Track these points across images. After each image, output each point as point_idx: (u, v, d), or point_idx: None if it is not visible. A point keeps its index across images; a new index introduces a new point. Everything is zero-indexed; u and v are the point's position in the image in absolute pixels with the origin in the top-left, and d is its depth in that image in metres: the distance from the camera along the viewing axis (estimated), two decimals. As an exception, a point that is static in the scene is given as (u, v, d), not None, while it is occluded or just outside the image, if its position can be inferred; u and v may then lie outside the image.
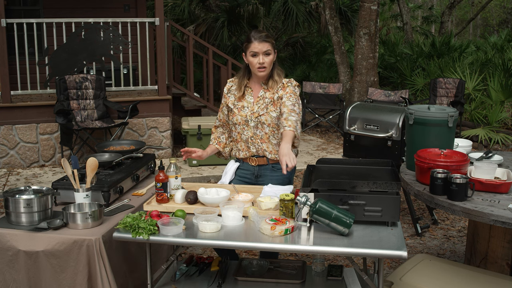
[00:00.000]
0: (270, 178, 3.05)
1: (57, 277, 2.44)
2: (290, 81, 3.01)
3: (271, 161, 3.04)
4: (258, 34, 2.91)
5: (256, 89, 3.04)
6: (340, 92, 9.46)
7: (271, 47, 2.92)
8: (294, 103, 2.91)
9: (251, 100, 3.02)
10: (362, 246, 2.26)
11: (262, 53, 2.90)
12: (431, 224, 4.83)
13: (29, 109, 6.55)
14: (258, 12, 12.07)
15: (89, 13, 7.75)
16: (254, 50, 2.90)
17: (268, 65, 2.93)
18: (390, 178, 2.62)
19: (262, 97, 2.99)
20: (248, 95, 3.04)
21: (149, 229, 2.37)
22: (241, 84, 3.04)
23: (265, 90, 3.00)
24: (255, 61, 2.91)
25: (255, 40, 2.89)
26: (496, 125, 8.18)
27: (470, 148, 3.42)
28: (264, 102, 2.98)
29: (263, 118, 2.96)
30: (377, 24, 9.09)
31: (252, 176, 3.09)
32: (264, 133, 2.98)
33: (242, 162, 3.12)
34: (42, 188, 2.72)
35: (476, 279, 2.63)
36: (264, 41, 2.89)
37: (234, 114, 3.04)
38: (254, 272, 2.86)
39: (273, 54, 2.95)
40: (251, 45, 2.90)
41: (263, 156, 3.03)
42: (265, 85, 3.00)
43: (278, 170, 3.04)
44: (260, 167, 3.07)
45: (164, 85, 7.08)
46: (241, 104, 3.03)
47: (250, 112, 2.99)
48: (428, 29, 19.35)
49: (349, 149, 4.73)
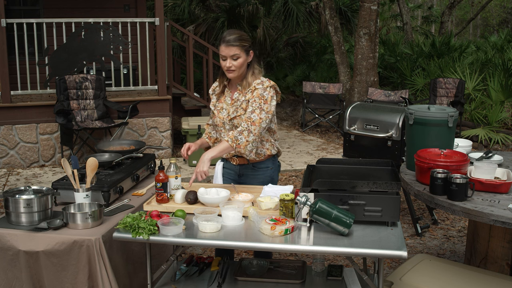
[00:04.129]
0: (252, 177, 3.07)
1: (59, 275, 2.45)
2: (261, 83, 2.90)
3: (251, 161, 3.04)
4: (228, 37, 2.85)
5: (233, 91, 3.02)
6: (340, 92, 9.46)
7: (240, 50, 2.84)
8: (254, 110, 2.84)
9: (229, 102, 3.00)
10: (362, 246, 2.26)
11: (229, 57, 2.86)
12: (431, 224, 4.83)
13: (29, 109, 6.55)
14: (258, 12, 12.07)
15: (89, 13, 7.75)
16: (222, 53, 2.87)
17: (237, 68, 2.87)
18: (390, 178, 2.62)
19: (237, 99, 2.96)
20: (227, 96, 3.02)
21: (149, 229, 2.37)
22: (220, 82, 3.04)
23: (240, 92, 2.96)
24: (223, 64, 2.90)
25: (223, 43, 2.85)
26: (496, 125, 8.18)
27: (470, 148, 3.42)
28: (237, 105, 2.95)
29: (236, 121, 2.94)
30: (377, 24, 9.09)
31: (236, 175, 3.11)
32: None
33: (226, 161, 3.14)
34: (42, 188, 2.72)
35: (476, 279, 2.63)
36: (231, 46, 2.83)
37: (214, 116, 3.05)
38: (254, 272, 2.86)
39: (244, 57, 2.88)
40: (220, 48, 2.88)
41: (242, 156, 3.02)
42: (240, 87, 2.97)
43: (259, 169, 3.06)
44: (241, 166, 3.07)
45: (164, 85, 7.08)
46: (220, 106, 3.03)
47: (227, 114, 2.98)
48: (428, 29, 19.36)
49: (349, 149, 4.73)
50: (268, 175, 3.08)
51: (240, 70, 2.89)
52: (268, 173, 3.09)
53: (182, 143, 7.58)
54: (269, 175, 3.08)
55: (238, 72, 2.89)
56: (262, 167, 3.07)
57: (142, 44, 7.46)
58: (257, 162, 3.04)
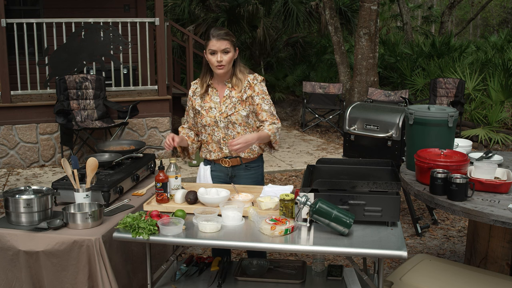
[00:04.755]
0: (245, 177, 3.06)
1: (59, 275, 2.44)
2: (255, 78, 2.98)
3: (244, 160, 3.04)
4: (217, 31, 2.88)
5: (220, 88, 3.01)
6: (340, 92, 9.46)
7: (230, 45, 2.88)
8: (270, 105, 2.96)
9: (217, 100, 2.99)
10: (362, 246, 2.26)
11: (220, 51, 2.86)
12: (431, 224, 4.83)
13: (29, 109, 6.56)
14: (258, 12, 12.08)
15: (89, 13, 7.75)
16: (212, 48, 2.86)
17: (227, 63, 2.89)
18: (390, 178, 2.62)
19: (229, 96, 2.96)
20: (213, 95, 3.00)
21: (149, 229, 2.37)
22: (204, 82, 3.02)
23: (231, 89, 2.97)
24: (213, 59, 2.89)
25: (213, 37, 2.86)
26: (496, 125, 8.18)
27: (470, 148, 3.42)
28: (231, 101, 2.95)
29: (233, 117, 2.94)
30: (377, 24, 9.09)
31: (227, 177, 3.08)
32: (236, 132, 2.97)
33: (214, 164, 3.09)
34: (42, 188, 2.72)
35: (476, 279, 2.63)
36: (223, 39, 2.85)
37: (203, 116, 3.00)
38: (254, 272, 2.86)
39: (233, 52, 2.91)
40: (210, 42, 2.87)
41: (236, 156, 3.02)
42: (229, 84, 2.98)
43: (251, 168, 3.07)
44: (234, 168, 3.06)
45: (164, 85, 7.08)
46: (208, 105, 3.00)
47: (219, 112, 2.96)
48: (428, 29, 19.36)
49: (349, 149, 4.73)
50: (259, 174, 3.10)
51: (229, 65, 2.92)
52: (260, 171, 3.11)
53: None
54: (260, 173, 3.11)
55: (227, 67, 2.91)
56: (254, 166, 3.08)
57: (142, 44, 7.46)
58: (249, 161, 3.05)
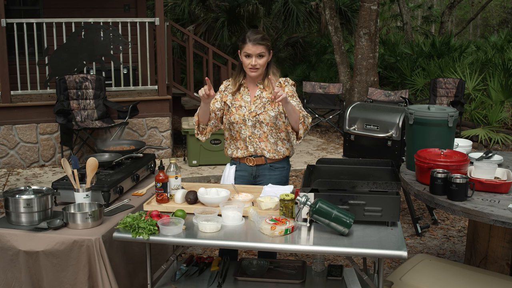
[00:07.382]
0: (269, 178, 3.07)
1: (58, 275, 2.44)
2: (286, 80, 3.05)
3: (269, 160, 3.05)
4: (254, 35, 2.90)
5: (252, 88, 3.06)
6: (340, 92, 9.46)
7: (266, 49, 2.93)
8: (299, 103, 2.99)
9: (248, 100, 3.03)
10: (362, 246, 2.26)
11: (256, 55, 2.91)
12: (431, 224, 4.83)
13: (29, 109, 6.55)
14: (258, 12, 12.08)
15: (89, 13, 7.74)
16: (248, 51, 2.91)
17: (261, 66, 2.95)
18: (390, 178, 2.62)
19: (259, 96, 3.02)
20: (244, 94, 3.05)
21: (149, 229, 2.37)
22: (236, 81, 3.06)
23: (262, 90, 3.03)
24: (247, 62, 2.93)
25: (249, 41, 2.90)
26: (496, 125, 8.18)
27: (470, 148, 3.42)
28: (261, 101, 3.00)
29: (261, 117, 2.98)
30: (377, 24, 9.09)
31: (250, 176, 3.10)
32: (263, 132, 3.00)
33: (239, 163, 3.12)
34: (42, 188, 2.72)
35: (476, 279, 2.63)
36: (259, 44, 2.90)
37: (232, 113, 3.04)
38: (254, 272, 2.86)
39: (268, 56, 2.96)
40: (245, 46, 2.91)
41: (261, 155, 3.04)
42: (261, 85, 3.03)
43: (276, 169, 3.07)
44: (258, 167, 3.07)
45: (164, 85, 7.08)
46: (238, 103, 3.04)
47: (248, 111, 3.01)
48: (428, 29, 19.36)
49: (349, 149, 4.73)
50: (284, 175, 3.11)
51: (262, 68, 2.97)
52: (284, 173, 3.12)
53: (182, 143, 7.57)
54: (284, 175, 3.11)
55: (261, 70, 2.97)
56: (279, 167, 3.08)
57: (142, 44, 7.46)
58: (274, 161, 3.06)
